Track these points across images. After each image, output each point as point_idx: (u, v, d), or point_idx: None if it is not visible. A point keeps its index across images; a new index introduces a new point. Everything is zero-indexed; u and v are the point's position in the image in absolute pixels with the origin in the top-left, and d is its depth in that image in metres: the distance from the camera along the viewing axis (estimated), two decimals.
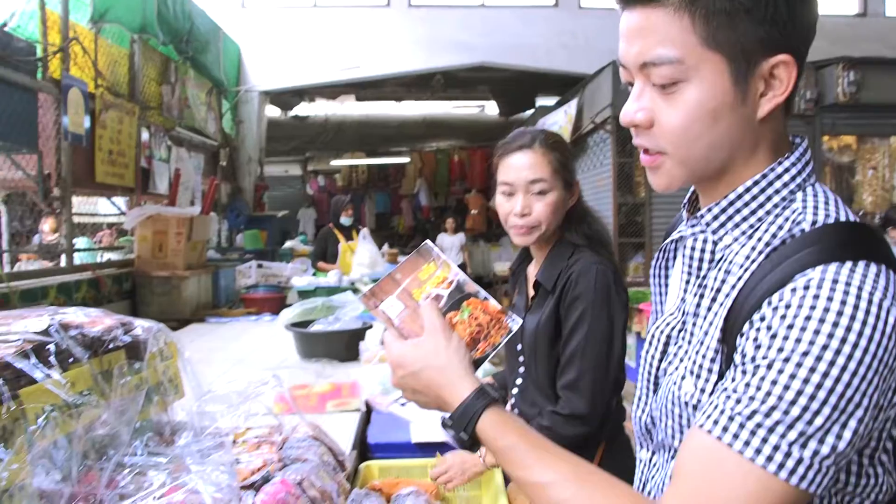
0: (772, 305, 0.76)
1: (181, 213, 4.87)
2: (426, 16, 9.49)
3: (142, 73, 5.38)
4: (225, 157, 8.08)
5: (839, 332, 0.70)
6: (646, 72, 0.85)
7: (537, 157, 1.78)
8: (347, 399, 2.44)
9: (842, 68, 7.00)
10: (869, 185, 7.79)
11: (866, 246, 0.78)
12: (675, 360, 0.94)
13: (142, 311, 4.51)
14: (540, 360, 1.81)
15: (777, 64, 0.82)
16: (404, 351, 1.01)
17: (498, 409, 0.94)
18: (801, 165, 0.88)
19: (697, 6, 0.80)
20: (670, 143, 0.86)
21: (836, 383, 0.70)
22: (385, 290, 1.08)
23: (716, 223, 0.90)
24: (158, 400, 1.31)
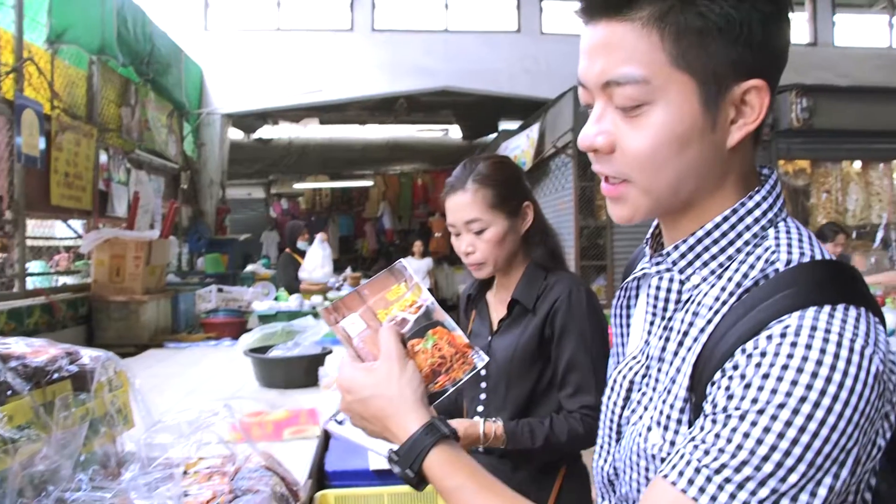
0: (746, 353, 0.70)
1: (140, 237, 4.79)
2: (389, 40, 9.54)
3: (100, 95, 5.30)
4: (186, 180, 7.98)
5: (818, 384, 0.65)
6: (608, 92, 0.79)
7: (468, 198, 1.79)
8: (305, 426, 2.40)
9: (795, 95, 7.19)
10: (823, 207, 7.96)
11: (845, 287, 0.73)
12: (639, 408, 0.88)
13: (98, 337, 4.41)
14: (514, 382, 1.80)
15: (749, 89, 0.77)
16: (355, 375, 0.96)
17: (448, 446, 0.89)
18: (772, 199, 0.82)
19: (667, 22, 0.74)
20: (634, 170, 0.80)
21: (814, 438, 0.64)
22: (349, 307, 1.02)
23: (683, 262, 0.84)
24: (106, 431, 1.27)
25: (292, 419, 2.48)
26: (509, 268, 1.87)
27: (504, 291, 1.91)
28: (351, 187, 16.11)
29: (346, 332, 1.01)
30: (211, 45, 9.04)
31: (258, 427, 2.36)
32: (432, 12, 10.23)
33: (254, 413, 2.53)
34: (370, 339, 0.99)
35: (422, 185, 15.24)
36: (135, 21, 5.97)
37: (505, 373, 1.81)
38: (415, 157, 14.31)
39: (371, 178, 15.56)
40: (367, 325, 1.01)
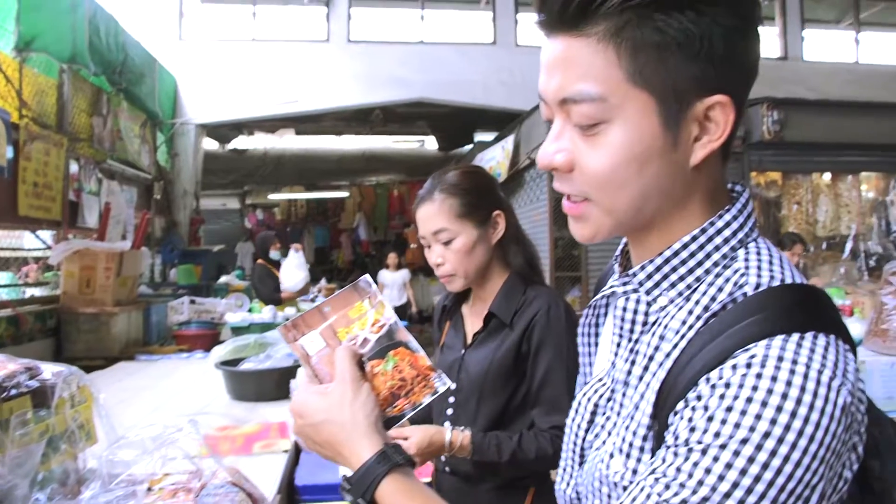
0: (710, 383, 0.67)
1: (111, 248, 4.73)
2: (365, 51, 9.55)
3: (71, 104, 5.24)
4: (159, 191, 7.91)
5: (782, 418, 0.62)
6: (566, 109, 0.76)
7: (435, 208, 1.76)
8: (275, 440, 2.38)
9: (766, 108, 7.29)
10: (794, 219, 8.06)
11: (815, 313, 0.70)
12: (602, 432, 0.86)
13: (67, 350, 4.34)
14: (487, 397, 1.76)
15: (713, 105, 0.73)
16: (308, 399, 0.92)
17: (401, 475, 0.86)
18: (742, 219, 0.79)
19: (623, 37, 0.71)
20: (593, 190, 0.77)
21: (777, 475, 0.62)
22: (308, 324, 0.98)
23: (649, 282, 0.80)
24: (66, 448, 1.25)
25: (262, 433, 2.46)
26: (485, 279, 1.83)
27: (480, 304, 1.87)
28: (326, 198, 16.06)
29: (304, 350, 0.97)
30: (185, 54, 8.99)
31: (228, 441, 2.34)
32: (408, 24, 10.26)
33: (225, 426, 2.50)
34: (329, 359, 0.95)
35: (398, 196, 15.24)
36: (107, 30, 5.92)
37: (478, 387, 1.76)
38: (391, 168, 14.31)
39: (347, 188, 15.53)
40: (326, 344, 0.97)
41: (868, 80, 10.50)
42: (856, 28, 11.31)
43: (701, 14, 0.70)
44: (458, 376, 1.81)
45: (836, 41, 11.51)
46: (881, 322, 3.43)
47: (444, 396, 1.75)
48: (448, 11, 10.56)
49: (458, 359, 1.84)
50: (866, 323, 3.67)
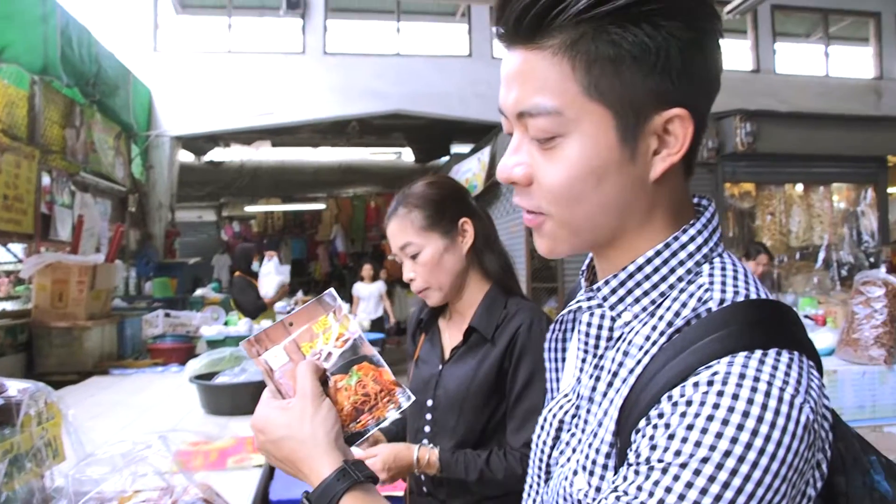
0: (672, 400, 0.66)
1: (84, 261, 4.67)
2: (341, 63, 9.55)
3: (43, 116, 5.19)
4: (134, 203, 7.84)
5: (744, 437, 0.61)
6: (523, 122, 0.75)
7: (399, 223, 1.76)
8: (249, 454, 2.35)
9: (739, 120, 7.39)
10: (768, 229, 8.16)
11: (779, 329, 0.70)
12: (567, 449, 0.85)
13: (39, 364, 4.27)
14: (467, 414, 1.71)
15: (671, 119, 0.72)
16: (269, 414, 0.91)
17: (361, 492, 0.85)
18: (707, 233, 0.79)
19: (578, 50, 0.70)
20: (550, 204, 0.76)
21: (738, 494, 0.61)
22: (272, 339, 0.96)
23: (614, 297, 0.79)
24: (32, 467, 1.22)
25: (237, 447, 2.43)
26: (462, 291, 1.79)
27: (458, 317, 1.83)
28: (303, 210, 16.01)
29: (268, 365, 0.95)
30: (160, 66, 8.94)
31: (201, 456, 2.31)
32: (384, 36, 10.29)
33: (199, 441, 2.47)
34: (292, 374, 0.94)
35: (375, 208, 15.22)
36: (80, 41, 5.87)
37: (457, 404, 1.72)
38: (367, 179, 14.29)
39: (324, 200, 15.49)
40: (290, 359, 0.95)
41: (838, 93, 10.70)
42: (825, 42, 11.53)
43: (657, 27, 0.69)
44: (435, 392, 1.77)
45: (807, 55, 11.72)
46: (852, 331, 3.47)
47: (406, 412, 1.75)
48: (424, 24, 10.61)
49: (436, 374, 1.80)
50: (838, 333, 3.72)
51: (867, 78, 11.56)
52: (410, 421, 1.88)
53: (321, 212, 15.81)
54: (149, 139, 8.50)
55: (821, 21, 11.58)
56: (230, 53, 9.50)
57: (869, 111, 10.21)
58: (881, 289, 3.38)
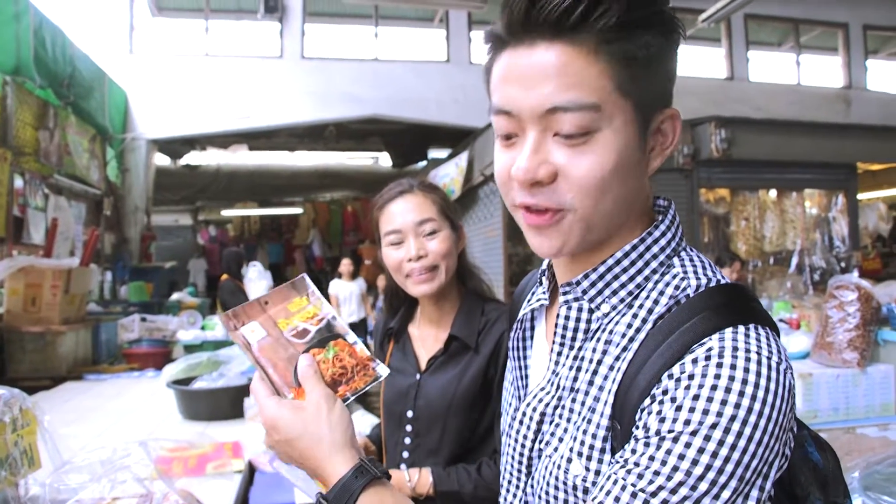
0: (674, 377, 0.71)
1: (57, 265, 4.61)
2: (319, 67, 9.53)
3: (15, 118, 5.12)
4: (109, 207, 7.76)
5: (745, 402, 0.67)
6: (550, 119, 0.75)
7: (419, 199, 1.69)
8: (229, 460, 2.34)
9: (714, 126, 7.46)
10: (742, 234, 8.24)
11: (749, 307, 0.76)
12: (553, 440, 0.86)
13: (11, 370, 4.21)
14: (452, 425, 1.67)
15: (667, 117, 0.80)
16: (280, 414, 0.90)
17: (379, 486, 0.86)
18: (673, 230, 0.85)
19: (615, 49, 0.73)
20: (579, 198, 0.77)
21: (744, 454, 0.66)
22: (249, 315, 0.99)
23: (593, 290, 0.83)
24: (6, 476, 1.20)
25: (216, 452, 2.42)
26: (440, 297, 1.74)
27: (430, 325, 1.79)
28: (280, 214, 15.93)
29: (245, 339, 0.97)
30: (136, 68, 8.86)
31: (180, 462, 2.29)
32: (362, 41, 10.28)
33: (177, 447, 2.45)
34: (269, 347, 0.96)
35: (352, 213, 15.18)
36: (54, 42, 5.81)
37: (441, 415, 1.67)
38: (345, 184, 14.26)
39: (301, 205, 15.42)
40: (267, 333, 0.98)
41: (809, 101, 10.87)
42: (797, 51, 11.71)
43: (665, 36, 0.77)
44: (415, 403, 1.72)
45: (779, 63, 11.89)
46: (826, 335, 3.52)
47: (406, 415, 1.72)
48: (402, 29, 10.62)
49: (414, 384, 1.74)
50: (812, 336, 3.77)
51: (837, 87, 11.77)
52: (388, 433, 1.82)
53: (298, 216, 15.73)
54: (124, 142, 8.42)
55: (792, 30, 11.77)
56: (207, 56, 9.44)
57: (839, 119, 10.39)
58: (854, 293, 3.43)
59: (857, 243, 8.70)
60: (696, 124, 7.59)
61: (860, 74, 11.83)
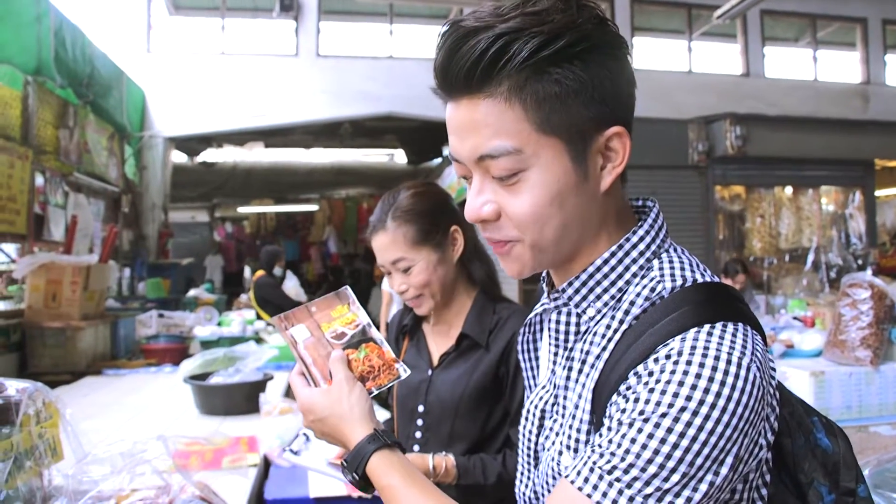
0: (638, 375, 0.77)
1: (77, 262, 4.68)
2: (334, 65, 9.57)
3: (36, 117, 5.19)
4: (127, 204, 7.85)
5: (697, 395, 0.72)
6: (484, 165, 0.84)
7: (389, 238, 1.71)
8: (245, 454, 2.38)
9: (729, 123, 7.44)
10: (758, 231, 8.21)
11: (722, 306, 0.81)
12: (551, 434, 0.96)
13: (32, 364, 4.28)
14: (462, 420, 1.71)
15: (611, 136, 0.84)
16: (313, 398, 1.09)
17: (387, 452, 1.00)
18: (654, 232, 0.90)
19: (527, 93, 0.79)
20: (522, 232, 0.85)
21: (693, 442, 0.72)
22: (298, 318, 1.19)
23: (577, 296, 0.90)
24: (31, 466, 1.25)
25: (232, 447, 2.46)
26: (451, 298, 1.79)
27: (443, 323, 1.84)
28: (296, 211, 15.98)
29: (293, 337, 1.16)
30: (154, 67, 8.94)
31: (197, 456, 2.33)
32: (377, 39, 10.31)
33: (194, 441, 2.49)
34: (312, 346, 1.15)
35: (367, 210, 15.20)
36: (73, 42, 5.88)
37: (451, 410, 1.72)
38: (360, 181, 14.29)
39: (316, 202, 15.47)
40: (311, 334, 1.17)
41: (826, 97, 10.78)
42: (813, 46, 11.60)
43: (587, 63, 0.80)
44: (426, 398, 1.77)
45: (796, 59, 11.79)
46: (839, 333, 3.52)
47: (417, 409, 1.78)
48: (416, 26, 10.64)
49: (426, 380, 1.79)
50: (826, 334, 3.76)
51: (855, 82, 11.66)
52: (400, 427, 1.87)
53: (314, 213, 15.78)
54: (142, 140, 8.51)
55: (809, 26, 11.66)
56: (223, 55, 9.51)
57: (857, 115, 10.29)
58: (867, 291, 3.42)
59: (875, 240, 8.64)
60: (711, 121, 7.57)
61: (879, 70, 11.71)
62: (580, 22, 0.80)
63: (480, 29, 0.79)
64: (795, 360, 3.85)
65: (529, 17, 0.79)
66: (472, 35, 0.80)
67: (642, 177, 8.21)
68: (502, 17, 0.80)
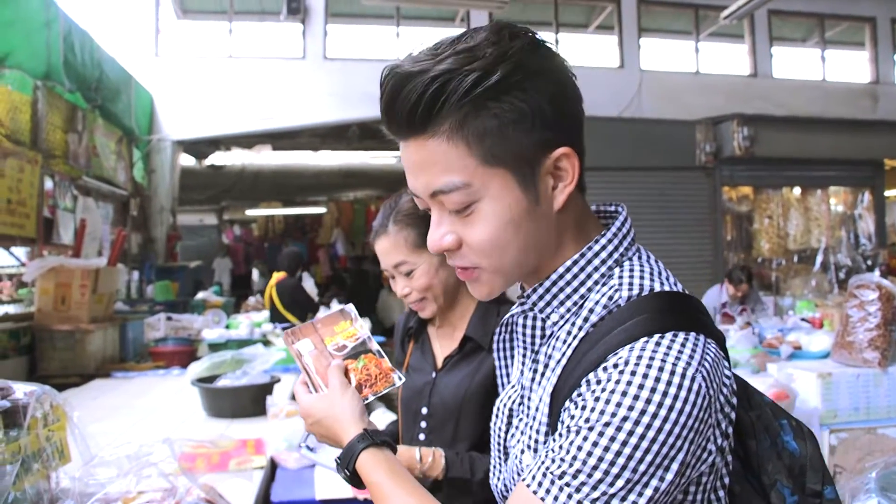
0: (588, 383, 0.81)
1: (86, 265, 4.71)
2: (341, 68, 9.59)
3: (45, 121, 5.23)
4: (136, 207, 7.89)
5: (639, 405, 0.76)
6: (438, 199, 0.88)
7: (391, 241, 1.75)
8: (251, 456, 2.39)
9: (736, 124, 7.43)
10: (766, 232, 8.20)
11: (677, 315, 0.84)
12: (517, 433, 1.00)
13: (42, 367, 4.31)
14: (465, 422, 1.72)
15: (559, 157, 0.86)
16: (312, 402, 1.20)
17: (375, 450, 1.08)
18: (617, 241, 0.93)
19: (467, 130, 0.83)
20: (481, 258, 0.89)
21: (635, 450, 0.75)
22: (304, 333, 1.31)
23: (541, 302, 0.94)
24: (39, 468, 1.26)
25: (239, 449, 2.47)
26: (453, 300, 1.81)
27: (447, 326, 1.85)
28: (304, 214, 16.01)
29: (298, 351, 1.27)
30: (162, 71, 8.98)
31: (204, 458, 2.35)
32: (384, 41, 10.33)
33: (201, 443, 2.51)
34: (315, 358, 1.27)
35: (375, 212, 15.18)
36: (82, 46, 5.92)
37: (454, 412, 1.74)
38: (368, 183, 14.30)
39: (324, 204, 15.49)
40: (314, 347, 1.29)
41: (834, 97, 10.72)
42: (822, 46, 11.55)
43: (524, 90, 0.83)
44: (429, 400, 1.79)
45: (804, 59, 11.74)
46: (847, 334, 3.51)
47: (421, 411, 1.80)
48: (423, 28, 10.65)
49: (430, 382, 1.81)
50: (834, 335, 3.75)
51: (863, 82, 11.59)
52: (404, 429, 1.89)
53: (322, 215, 15.80)
54: (150, 143, 8.55)
55: (817, 26, 11.60)
56: (231, 58, 9.54)
57: (866, 115, 10.23)
58: (875, 292, 3.41)
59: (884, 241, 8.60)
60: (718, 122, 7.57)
61: (888, 69, 11.64)
62: (511, 53, 0.82)
63: (416, 74, 0.82)
64: (803, 361, 3.84)
65: (462, 56, 0.82)
66: (409, 79, 0.83)
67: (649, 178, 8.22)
68: (437, 57, 0.83)
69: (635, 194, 8.18)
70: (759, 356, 4.00)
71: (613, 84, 9.88)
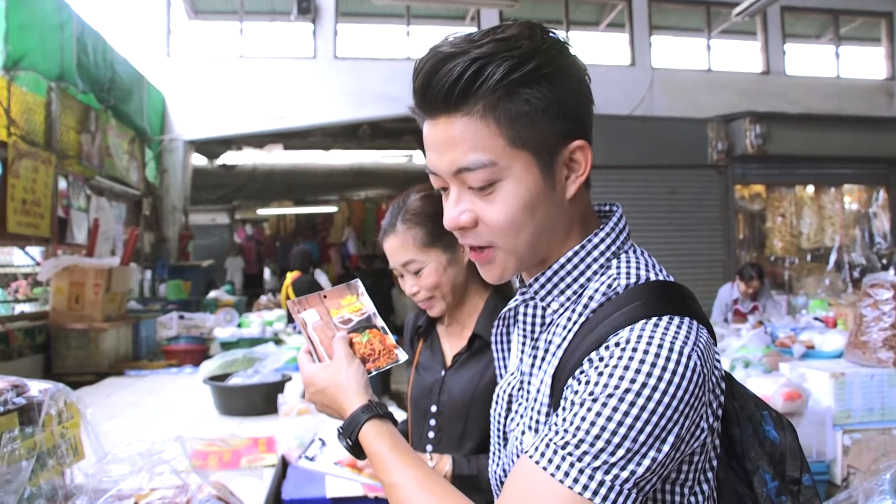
0: (591, 361, 0.86)
1: (99, 264, 4.74)
2: (352, 67, 9.60)
3: (59, 122, 5.27)
4: (148, 207, 7.93)
5: (640, 378, 0.81)
6: (461, 177, 0.92)
7: (399, 240, 1.76)
8: (263, 454, 2.40)
9: (749, 121, 7.39)
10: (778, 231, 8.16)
11: (671, 301, 0.90)
12: (517, 416, 1.05)
13: (56, 366, 4.35)
14: (474, 419, 1.72)
15: (575, 149, 0.93)
16: (315, 371, 1.19)
17: (378, 422, 1.08)
18: (615, 235, 0.99)
19: (500, 111, 0.88)
20: (497, 237, 0.94)
21: (636, 421, 0.80)
22: (311, 303, 1.30)
23: (543, 291, 1.00)
24: (54, 465, 1.27)
25: (250, 447, 2.49)
26: (462, 298, 1.81)
27: (456, 324, 1.86)
28: (315, 213, 16.05)
29: (304, 320, 1.27)
30: (173, 71, 9.02)
31: (215, 456, 2.36)
32: (394, 40, 10.33)
33: (213, 441, 2.52)
34: (320, 328, 1.26)
35: (386, 211, 15.24)
36: (95, 48, 5.96)
37: (464, 410, 1.74)
38: (379, 182, 14.31)
39: (335, 203, 15.53)
40: (320, 318, 1.28)
41: (849, 94, 10.64)
42: (836, 43, 11.45)
43: (552, 84, 0.89)
44: (439, 398, 1.79)
45: (817, 56, 11.65)
46: (861, 334, 3.48)
47: (430, 409, 1.80)
48: (434, 27, 10.65)
49: (439, 380, 1.82)
50: (847, 335, 3.72)
51: (879, 79, 11.48)
52: (414, 427, 1.89)
53: (333, 214, 15.84)
54: (162, 143, 8.59)
55: (831, 22, 11.51)
56: (242, 58, 9.57)
57: (881, 112, 10.15)
58: (889, 291, 3.39)
59: None
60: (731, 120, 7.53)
61: None
62: (545, 48, 0.89)
63: (457, 54, 0.89)
64: (816, 361, 3.81)
65: (500, 43, 0.88)
66: (449, 59, 0.89)
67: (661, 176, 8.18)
68: (475, 42, 0.89)
69: (647, 192, 8.16)
70: (772, 355, 3.97)
71: (624, 82, 9.85)
